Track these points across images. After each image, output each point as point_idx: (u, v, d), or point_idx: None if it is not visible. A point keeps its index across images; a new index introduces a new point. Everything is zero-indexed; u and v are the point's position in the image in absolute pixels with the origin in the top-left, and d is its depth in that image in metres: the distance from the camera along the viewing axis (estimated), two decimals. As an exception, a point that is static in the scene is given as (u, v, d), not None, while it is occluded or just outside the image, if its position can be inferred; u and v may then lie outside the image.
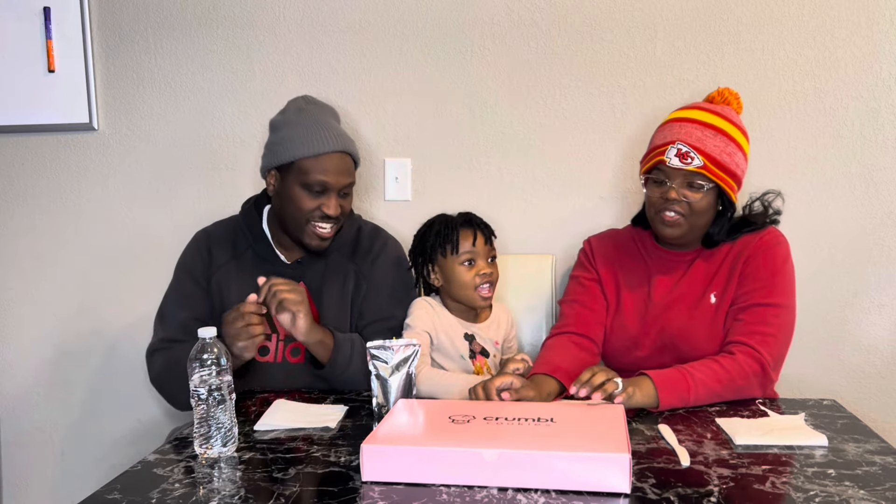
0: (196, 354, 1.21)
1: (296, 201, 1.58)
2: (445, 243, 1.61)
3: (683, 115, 1.53)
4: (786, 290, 1.51)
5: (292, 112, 1.63)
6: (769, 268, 1.51)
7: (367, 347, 1.42)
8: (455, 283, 1.61)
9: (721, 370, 1.41)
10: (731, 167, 1.49)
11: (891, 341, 1.91)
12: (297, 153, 1.56)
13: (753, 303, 1.49)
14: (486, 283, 1.61)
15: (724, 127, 1.49)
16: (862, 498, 1.01)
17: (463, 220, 1.64)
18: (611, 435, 1.11)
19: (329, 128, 1.60)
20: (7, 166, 2.11)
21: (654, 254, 1.64)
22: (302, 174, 1.57)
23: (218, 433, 1.21)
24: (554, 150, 1.96)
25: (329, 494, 1.06)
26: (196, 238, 1.73)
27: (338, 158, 1.59)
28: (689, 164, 1.46)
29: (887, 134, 1.85)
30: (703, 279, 1.56)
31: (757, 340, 1.44)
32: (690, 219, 1.51)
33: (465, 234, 1.61)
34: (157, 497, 1.07)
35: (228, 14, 2.01)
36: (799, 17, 1.85)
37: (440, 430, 1.16)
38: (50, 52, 2.02)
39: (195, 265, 1.67)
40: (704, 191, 1.49)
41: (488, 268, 1.61)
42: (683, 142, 1.47)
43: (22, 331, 2.16)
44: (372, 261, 1.69)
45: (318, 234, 1.60)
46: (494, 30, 1.94)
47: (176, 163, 2.07)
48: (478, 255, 1.61)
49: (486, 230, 1.64)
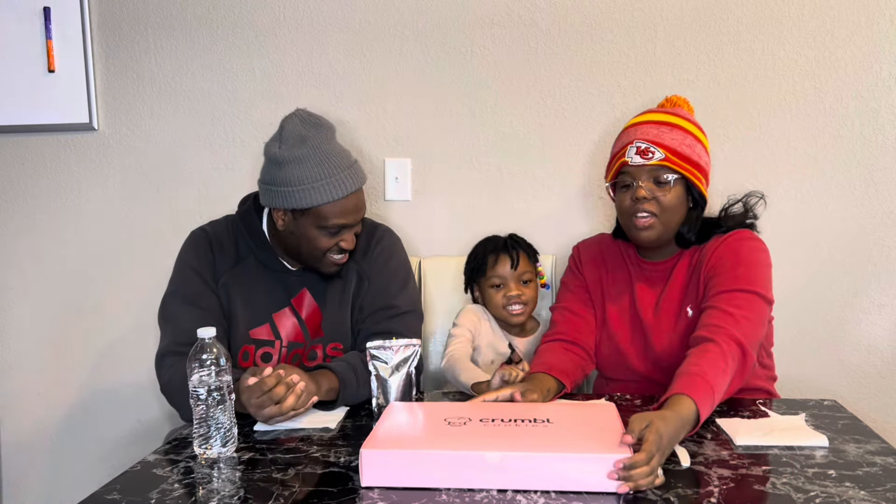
0: (195, 354, 1.21)
1: (312, 241, 1.54)
2: (478, 268, 1.79)
3: (637, 120, 1.55)
4: (753, 278, 1.43)
5: (296, 144, 1.50)
6: (732, 260, 1.46)
7: (366, 348, 1.42)
8: (488, 302, 1.78)
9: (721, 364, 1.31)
10: (694, 157, 1.48)
11: (891, 341, 1.91)
12: (315, 201, 1.49)
13: (720, 290, 1.43)
14: (514, 304, 1.74)
15: (679, 122, 1.50)
16: (862, 499, 1.01)
17: (495, 246, 1.78)
18: (610, 435, 1.11)
19: (342, 165, 1.52)
20: (7, 166, 2.11)
21: (636, 263, 1.63)
22: (320, 219, 1.51)
23: (217, 433, 1.21)
24: (554, 150, 1.96)
25: (328, 495, 1.06)
26: (195, 237, 1.65)
27: (355, 197, 1.54)
28: (651, 158, 1.46)
29: (887, 134, 1.85)
30: (680, 292, 1.54)
31: (728, 322, 1.36)
32: (663, 218, 1.49)
33: (495, 260, 1.76)
34: (156, 497, 1.07)
35: (228, 14, 2.01)
36: (799, 17, 1.85)
37: (438, 433, 1.15)
38: (50, 52, 2.02)
39: (202, 264, 1.60)
40: (672, 184, 1.47)
41: (517, 290, 1.75)
42: (641, 139, 1.48)
43: (22, 331, 2.16)
44: (371, 257, 1.66)
45: (335, 262, 1.58)
46: (494, 30, 1.94)
47: (176, 163, 2.07)
48: (506, 280, 1.75)
49: (518, 254, 1.76)
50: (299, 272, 1.63)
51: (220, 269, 1.61)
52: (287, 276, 1.63)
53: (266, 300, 1.61)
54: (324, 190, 1.49)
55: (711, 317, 1.39)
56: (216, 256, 1.61)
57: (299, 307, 1.62)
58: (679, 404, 1.20)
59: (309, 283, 1.63)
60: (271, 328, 1.61)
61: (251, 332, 1.60)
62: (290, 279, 1.62)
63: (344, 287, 1.64)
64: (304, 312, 1.62)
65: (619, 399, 1.49)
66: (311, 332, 1.62)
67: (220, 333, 1.56)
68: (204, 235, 1.65)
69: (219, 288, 1.60)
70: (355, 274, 1.65)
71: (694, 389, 1.23)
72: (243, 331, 1.60)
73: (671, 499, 1.02)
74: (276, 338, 1.60)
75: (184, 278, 1.60)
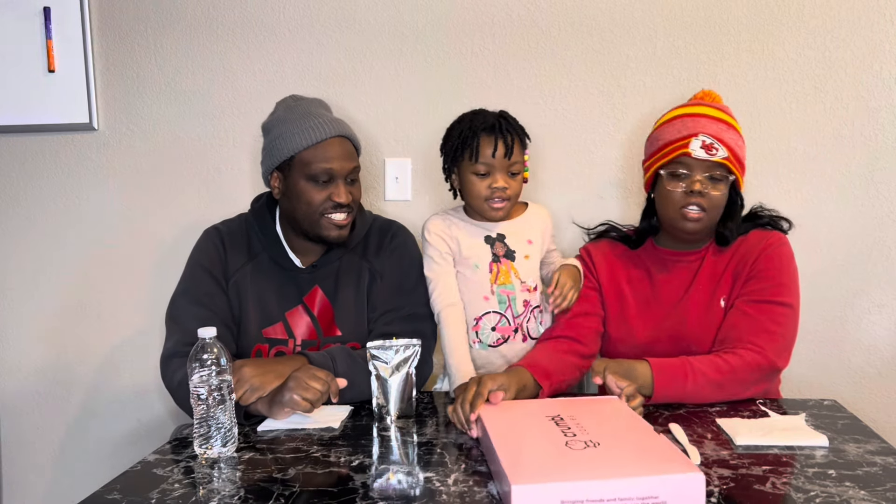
0: (196, 354, 1.21)
1: (304, 196, 1.54)
2: (465, 147, 1.56)
3: (693, 110, 1.53)
4: (793, 291, 1.52)
5: (281, 110, 1.60)
6: (778, 267, 1.51)
7: (367, 348, 1.42)
8: (467, 191, 1.59)
9: (723, 364, 1.42)
10: (743, 161, 1.54)
11: (891, 341, 1.91)
12: (295, 146, 1.53)
13: (763, 299, 1.49)
14: (498, 196, 1.56)
15: (732, 123, 1.52)
16: (863, 499, 1.01)
17: (486, 125, 1.56)
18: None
19: (322, 115, 1.56)
20: (7, 166, 2.11)
21: (655, 255, 1.63)
22: (304, 166, 1.53)
23: (218, 433, 1.21)
24: (554, 150, 1.96)
25: (329, 495, 1.06)
26: (209, 235, 1.65)
27: (337, 143, 1.55)
28: (715, 154, 1.47)
29: (887, 134, 1.85)
30: (710, 282, 1.56)
31: (764, 339, 1.44)
32: (710, 213, 1.51)
33: (486, 142, 1.54)
34: (156, 497, 1.07)
35: (228, 14, 2.01)
36: (799, 17, 1.85)
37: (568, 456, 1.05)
38: (50, 52, 2.02)
39: (213, 263, 1.60)
40: (725, 183, 1.50)
41: (504, 182, 1.55)
42: (706, 133, 1.48)
43: (22, 331, 2.16)
44: (384, 255, 1.66)
45: (334, 223, 1.56)
46: (494, 30, 1.94)
47: (176, 163, 2.07)
48: (495, 168, 1.55)
49: (513, 139, 1.54)
50: (310, 269, 1.63)
51: (231, 267, 1.61)
52: (299, 274, 1.63)
53: (278, 299, 1.61)
54: (301, 135, 1.53)
55: (746, 330, 1.47)
56: (228, 254, 1.62)
57: (312, 305, 1.62)
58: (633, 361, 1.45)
59: (321, 281, 1.62)
60: (285, 327, 1.61)
61: (264, 331, 1.60)
62: (302, 277, 1.62)
63: (357, 284, 1.64)
64: (317, 310, 1.62)
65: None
66: (325, 329, 1.61)
67: (229, 334, 1.57)
68: (216, 233, 1.66)
69: (230, 287, 1.60)
70: (367, 272, 1.64)
71: (660, 364, 1.43)
72: (256, 330, 1.60)
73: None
74: (289, 336, 1.60)
75: (195, 277, 1.60)
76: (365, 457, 1.21)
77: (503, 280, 1.61)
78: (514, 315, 1.61)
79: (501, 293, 1.61)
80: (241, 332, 1.60)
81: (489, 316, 1.61)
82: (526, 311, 1.62)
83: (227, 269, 1.61)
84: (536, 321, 1.64)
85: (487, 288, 1.60)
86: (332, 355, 1.50)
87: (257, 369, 1.39)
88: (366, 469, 1.16)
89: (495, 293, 1.61)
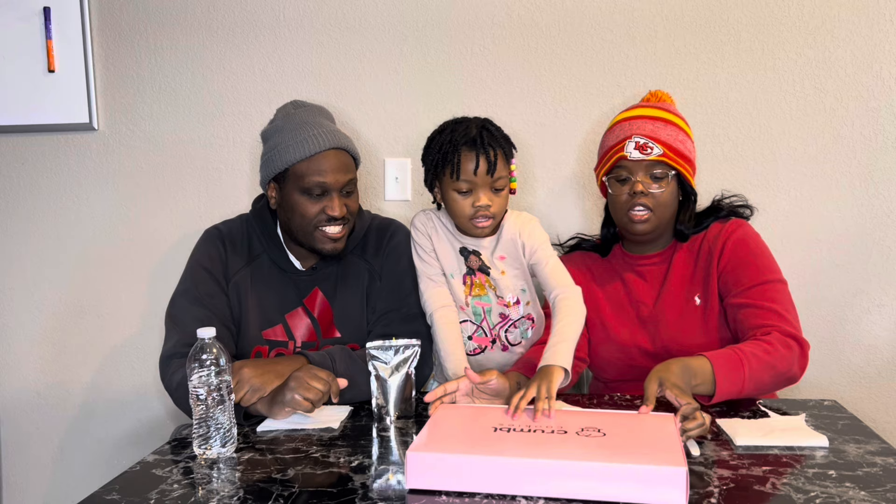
0: (195, 354, 1.21)
1: (298, 209, 1.53)
2: (445, 163, 1.47)
3: (629, 114, 1.57)
4: (773, 265, 1.54)
5: (280, 119, 1.58)
6: (748, 250, 1.53)
7: (366, 348, 1.42)
8: (450, 208, 1.53)
9: (764, 343, 1.40)
10: (686, 153, 1.54)
11: (891, 341, 1.91)
12: (289, 158, 1.51)
13: (752, 284, 1.50)
14: (482, 215, 1.49)
15: (671, 118, 1.55)
16: (863, 499, 1.01)
17: (469, 139, 1.47)
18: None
19: (319, 126, 1.54)
20: (7, 166, 2.11)
21: (625, 261, 1.65)
22: (298, 179, 1.51)
23: (217, 434, 1.21)
24: (554, 150, 1.96)
25: (328, 495, 1.06)
26: (210, 235, 1.65)
27: (332, 156, 1.53)
28: (650, 153, 1.49)
29: (887, 134, 1.85)
30: (682, 282, 1.58)
31: (773, 318, 1.45)
32: (658, 212, 1.53)
33: (467, 157, 1.46)
34: (155, 498, 1.07)
35: (228, 14, 2.01)
36: (799, 17, 1.85)
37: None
38: (50, 52, 2.02)
39: (214, 263, 1.60)
40: (667, 180, 1.52)
41: (488, 199, 1.47)
42: (639, 134, 1.51)
43: (22, 331, 2.16)
44: (383, 255, 1.65)
45: (329, 236, 1.54)
46: (494, 30, 1.93)
47: (176, 163, 2.07)
48: (477, 186, 1.46)
49: (496, 154, 1.46)
50: (309, 272, 1.63)
51: (232, 268, 1.61)
52: (299, 276, 1.63)
53: (278, 301, 1.61)
54: (295, 147, 1.52)
55: (757, 317, 1.46)
56: (229, 255, 1.62)
57: (312, 307, 1.62)
58: (690, 358, 1.35)
59: (321, 283, 1.62)
60: (285, 329, 1.61)
61: (264, 332, 1.60)
62: (302, 279, 1.62)
63: (356, 286, 1.64)
64: (317, 312, 1.62)
65: (619, 399, 1.49)
66: (324, 331, 1.61)
67: (228, 335, 1.57)
68: (217, 234, 1.65)
69: (230, 288, 1.60)
70: (367, 273, 1.64)
71: (715, 354, 1.36)
72: (255, 332, 1.60)
73: (671, 499, 1.02)
74: (289, 338, 1.60)
75: (195, 277, 1.59)
76: (364, 457, 1.21)
77: (478, 292, 1.59)
78: (490, 327, 1.60)
79: (476, 304, 1.60)
80: (241, 333, 1.60)
81: (466, 325, 1.60)
82: (504, 322, 1.60)
83: (228, 270, 1.61)
84: (520, 329, 1.61)
85: (462, 299, 1.59)
86: (331, 355, 1.50)
87: (257, 370, 1.39)
88: (365, 469, 1.16)
89: (470, 305, 1.59)
